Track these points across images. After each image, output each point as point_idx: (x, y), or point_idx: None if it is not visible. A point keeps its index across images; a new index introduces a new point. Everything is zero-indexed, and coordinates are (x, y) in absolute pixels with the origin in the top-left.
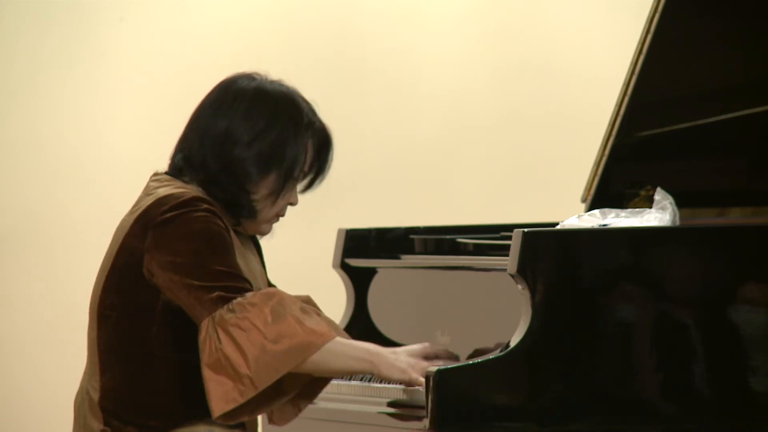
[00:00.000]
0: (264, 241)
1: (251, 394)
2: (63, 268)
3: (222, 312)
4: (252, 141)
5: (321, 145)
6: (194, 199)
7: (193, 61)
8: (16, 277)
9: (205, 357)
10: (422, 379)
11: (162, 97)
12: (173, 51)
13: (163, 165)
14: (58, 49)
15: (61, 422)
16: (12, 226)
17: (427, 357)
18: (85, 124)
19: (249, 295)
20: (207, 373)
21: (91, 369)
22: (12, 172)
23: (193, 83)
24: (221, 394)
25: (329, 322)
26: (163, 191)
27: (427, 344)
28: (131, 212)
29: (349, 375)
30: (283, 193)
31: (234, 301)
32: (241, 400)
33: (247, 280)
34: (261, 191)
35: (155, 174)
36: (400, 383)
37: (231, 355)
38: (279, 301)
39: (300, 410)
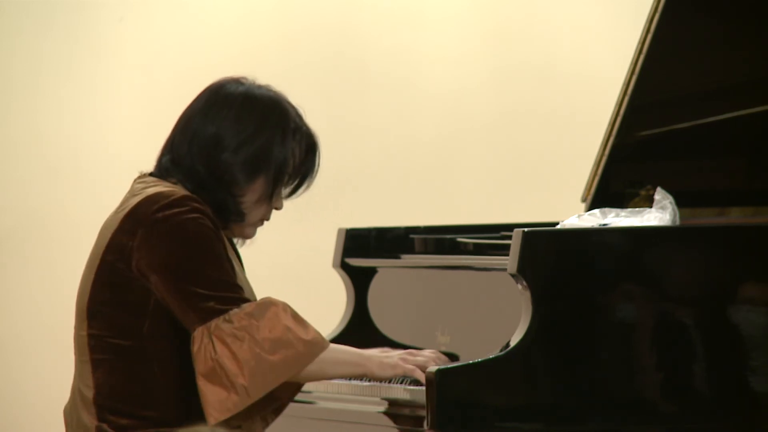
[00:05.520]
0: (263, 242)
1: (246, 403)
2: (63, 268)
3: (218, 322)
4: (240, 146)
5: (308, 149)
6: (185, 198)
7: (192, 61)
8: (16, 277)
9: (200, 366)
10: (418, 372)
11: (162, 97)
12: (173, 51)
13: None
14: (58, 49)
15: (61, 422)
16: (12, 225)
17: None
18: (85, 124)
19: (245, 305)
20: (202, 383)
21: (81, 368)
22: (12, 172)
23: (193, 83)
24: (216, 404)
25: None
26: (151, 190)
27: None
28: (117, 212)
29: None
30: (272, 198)
31: (230, 311)
32: (236, 410)
33: (241, 288)
34: (249, 195)
35: (140, 176)
36: (395, 377)
37: (227, 365)
38: (275, 312)
39: (268, 424)
